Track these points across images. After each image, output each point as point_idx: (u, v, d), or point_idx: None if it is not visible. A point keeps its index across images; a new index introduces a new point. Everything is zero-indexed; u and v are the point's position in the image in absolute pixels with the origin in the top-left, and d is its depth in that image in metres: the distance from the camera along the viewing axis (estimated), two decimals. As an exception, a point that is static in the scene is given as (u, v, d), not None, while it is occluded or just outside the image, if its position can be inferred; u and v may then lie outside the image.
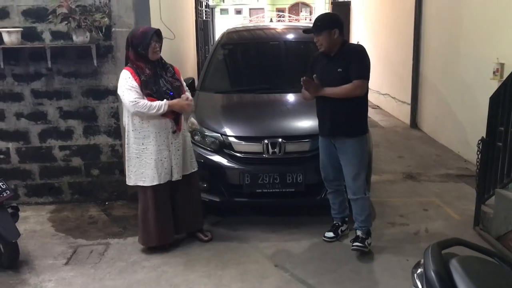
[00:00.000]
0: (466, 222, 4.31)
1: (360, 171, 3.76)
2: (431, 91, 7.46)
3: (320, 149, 3.93)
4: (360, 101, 3.73)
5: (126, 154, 3.80)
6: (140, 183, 3.75)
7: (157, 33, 3.66)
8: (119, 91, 3.64)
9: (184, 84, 3.97)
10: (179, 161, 3.79)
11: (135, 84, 3.57)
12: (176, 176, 3.79)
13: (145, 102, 3.54)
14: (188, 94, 3.89)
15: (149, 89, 3.60)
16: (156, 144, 3.67)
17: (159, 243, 3.89)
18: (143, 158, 3.69)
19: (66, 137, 4.86)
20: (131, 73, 3.60)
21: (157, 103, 3.56)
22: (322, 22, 3.70)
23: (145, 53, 3.59)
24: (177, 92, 3.75)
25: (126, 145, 3.77)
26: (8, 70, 4.66)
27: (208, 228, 4.24)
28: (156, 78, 3.66)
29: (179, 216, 3.98)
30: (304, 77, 3.64)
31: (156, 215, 3.80)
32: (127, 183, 3.85)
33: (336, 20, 3.72)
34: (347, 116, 3.68)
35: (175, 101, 3.65)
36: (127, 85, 3.57)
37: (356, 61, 3.62)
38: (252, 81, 5.29)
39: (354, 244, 3.76)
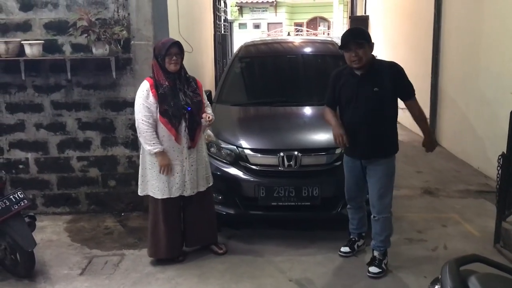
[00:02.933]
0: (486, 239, 4.21)
1: (387, 190, 3.64)
2: (450, 106, 7.37)
3: (347, 170, 3.80)
4: (393, 120, 3.64)
5: (140, 164, 3.82)
6: (151, 194, 3.76)
7: (178, 45, 3.65)
8: (135, 101, 3.70)
9: (206, 99, 3.96)
10: (192, 177, 3.76)
11: (151, 100, 3.60)
12: (189, 192, 3.77)
13: (147, 129, 3.58)
14: (209, 110, 3.89)
15: (166, 103, 3.60)
16: (169, 159, 3.68)
17: (167, 256, 3.89)
18: (155, 170, 3.70)
19: (84, 148, 4.91)
20: (150, 85, 3.63)
21: (153, 140, 3.58)
22: (363, 35, 3.51)
23: (162, 63, 3.62)
24: (196, 108, 3.72)
25: (141, 155, 3.80)
26: (29, 82, 4.75)
27: (223, 241, 4.22)
28: (175, 92, 3.65)
29: (190, 230, 3.98)
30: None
31: (165, 228, 3.80)
32: (138, 193, 3.87)
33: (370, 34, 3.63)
34: (382, 137, 3.56)
35: (163, 157, 3.61)
36: (142, 100, 3.62)
37: (402, 80, 3.53)
38: (269, 93, 5.28)
39: (370, 270, 3.65)
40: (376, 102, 3.48)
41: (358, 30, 3.70)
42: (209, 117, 3.75)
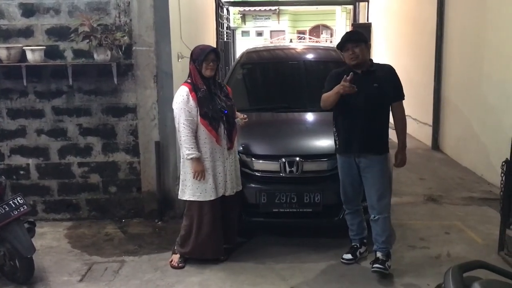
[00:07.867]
0: (490, 246, 4.16)
1: (386, 191, 3.71)
2: (453, 113, 7.34)
3: (341, 170, 3.82)
4: (387, 118, 3.73)
5: (181, 169, 3.86)
6: (193, 198, 3.80)
7: (215, 52, 3.79)
8: (174, 106, 3.74)
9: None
10: (232, 177, 3.88)
11: (192, 103, 3.69)
12: (229, 192, 3.87)
13: (187, 133, 3.65)
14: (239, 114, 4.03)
15: (205, 106, 3.71)
16: (212, 160, 3.77)
17: (213, 256, 3.95)
18: None
19: (85, 154, 4.89)
20: (189, 90, 3.73)
21: (192, 145, 3.66)
22: (359, 34, 3.79)
23: (199, 68, 3.73)
24: (230, 111, 3.86)
25: (181, 160, 3.84)
26: (30, 87, 4.74)
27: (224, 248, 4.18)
28: (212, 96, 3.78)
29: (229, 229, 4.05)
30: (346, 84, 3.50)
31: (210, 229, 3.84)
32: (179, 197, 3.91)
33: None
34: (378, 132, 3.67)
35: (198, 163, 3.69)
36: (183, 104, 3.69)
37: (395, 81, 3.70)
38: (271, 100, 5.28)
39: (374, 266, 3.65)
40: (375, 97, 3.61)
41: (355, 32, 4.08)
42: (244, 116, 3.94)
